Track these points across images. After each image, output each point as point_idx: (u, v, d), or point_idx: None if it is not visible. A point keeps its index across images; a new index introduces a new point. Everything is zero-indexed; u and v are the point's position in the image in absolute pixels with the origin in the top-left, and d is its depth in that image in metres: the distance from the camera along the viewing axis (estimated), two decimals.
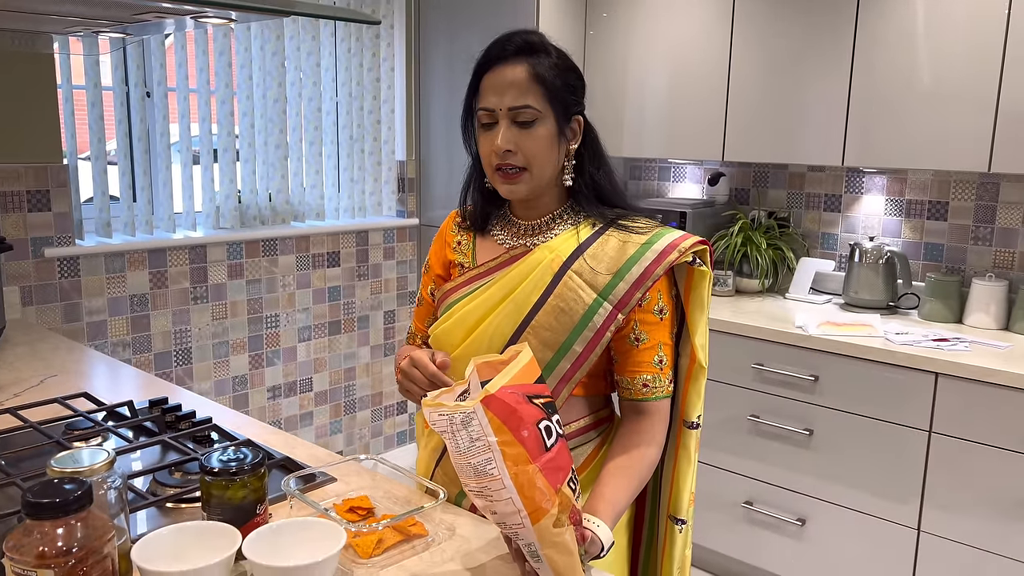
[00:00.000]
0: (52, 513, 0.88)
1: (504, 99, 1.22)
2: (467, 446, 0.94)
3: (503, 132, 1.22)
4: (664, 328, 1.27)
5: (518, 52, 1.24)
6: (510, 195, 1.28)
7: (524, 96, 1.22)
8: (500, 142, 1.22)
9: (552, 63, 1.25)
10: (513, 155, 1.23)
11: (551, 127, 1.24)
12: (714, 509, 2.73)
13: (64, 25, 1.55)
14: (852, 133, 2.58)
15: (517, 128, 1.23)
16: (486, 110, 1.24)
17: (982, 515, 2.21)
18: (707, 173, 3.29)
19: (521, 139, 1.22)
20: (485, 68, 1.25)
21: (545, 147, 1.24)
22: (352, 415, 3.48)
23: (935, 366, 2.24)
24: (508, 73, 1.23)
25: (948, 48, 2.37)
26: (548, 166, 1.26)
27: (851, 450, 2.43)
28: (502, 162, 1.24)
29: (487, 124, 1.25)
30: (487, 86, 1.24)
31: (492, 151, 1.24)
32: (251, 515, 1.12)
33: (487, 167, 1.28)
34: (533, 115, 1.22)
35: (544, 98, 1.23)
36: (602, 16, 3.10)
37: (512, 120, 1.23)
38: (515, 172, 1.24)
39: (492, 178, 1.28)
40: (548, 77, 1.23)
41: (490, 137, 1.25)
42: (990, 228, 2.68)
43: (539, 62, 1.23)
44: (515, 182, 1.25)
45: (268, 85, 3.01)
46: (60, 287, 2.57)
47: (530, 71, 1.22)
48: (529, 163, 1.24)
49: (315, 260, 3.26)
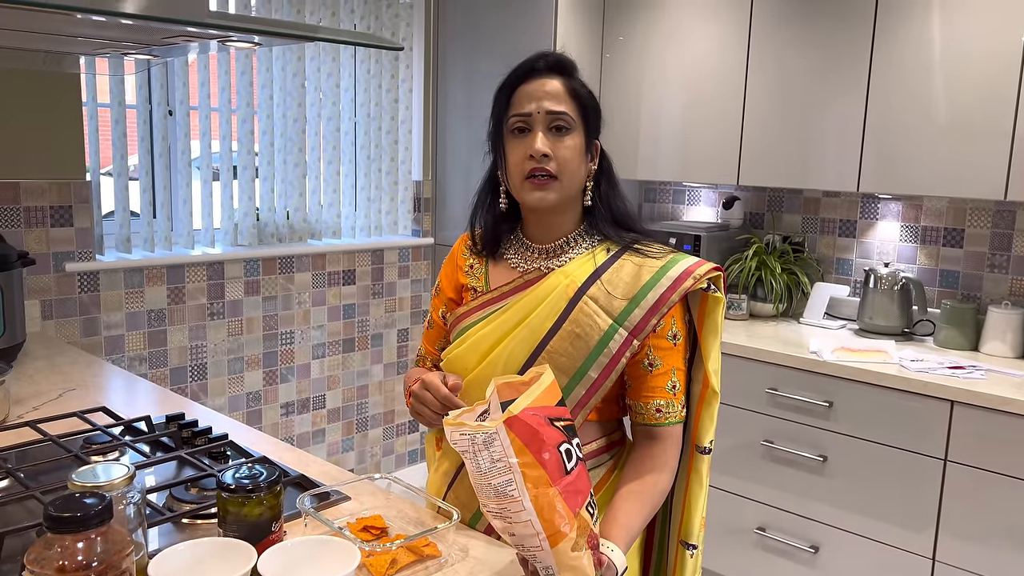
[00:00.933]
0: (73, 527, 0.90)
1: (543, 104, 1.25)
2: (488, 467, 0.95)
3: (541, 136, 1.24)
4: (678, 354, 1.28)
5: (551, 69, 1.28)
6: (540, 203, 1.27)
7: (561, 104, 1.25)
8: (539, 145, 1.24)
9: (581, 83, 1.30)
10: (548, 160, 1.24)
11: (581, 140, 1.28)
12: (727, 534, 2.71)
13: (93, 47, 1.58)
14: (867, 159, 2.59)
15: (552, 135, 1.25)
16: (521, 115, 1.26)
17: (998, 545, 2.19)
18: (722, 197, 3.30)
19: (556, 146, 1.25)
20: (519, 81, 1.28)
21: (576, 157, 1.27)
22: (364, 433, 3.49)
23: (950, 394, 2.23)
24: (546, 84, 1.26)
25: (964, 76, 2.38)
26: (576, 179, 1.28)
27: (865, 477, 2.41)
28: (537, 166, 1.24)
29: (520, 131, 1.27)
30: (522, 95, 1.27)
31: (527, 156, 1.25)
32: (267, 532, 1.13)
33: (516, 175, 1.27)
34: (569, 123, 1.26)
35: (578, 112, 1.27)
36: (619, 39, 3.13)
37: (548, 126, 1.25)
38: (546, 179, 1.25)
39: (520, 187, 1.27)
40: (582, 94, 1.28)
41: (524, 143, 1.26)
42: (1007, 256, 2.67)
43: (573, 79, 1.29)
44: (546, 189, 1.25)
45: (288, 105, 3.05)
46: (80, 301, 2.61)
47: (566, 85, 1.27)
48: (561, 171, 1.25)
49: (331, 278, 3.28)
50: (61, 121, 2.50)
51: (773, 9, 2.74)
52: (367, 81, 3.30)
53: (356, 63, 3.26)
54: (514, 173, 1.28)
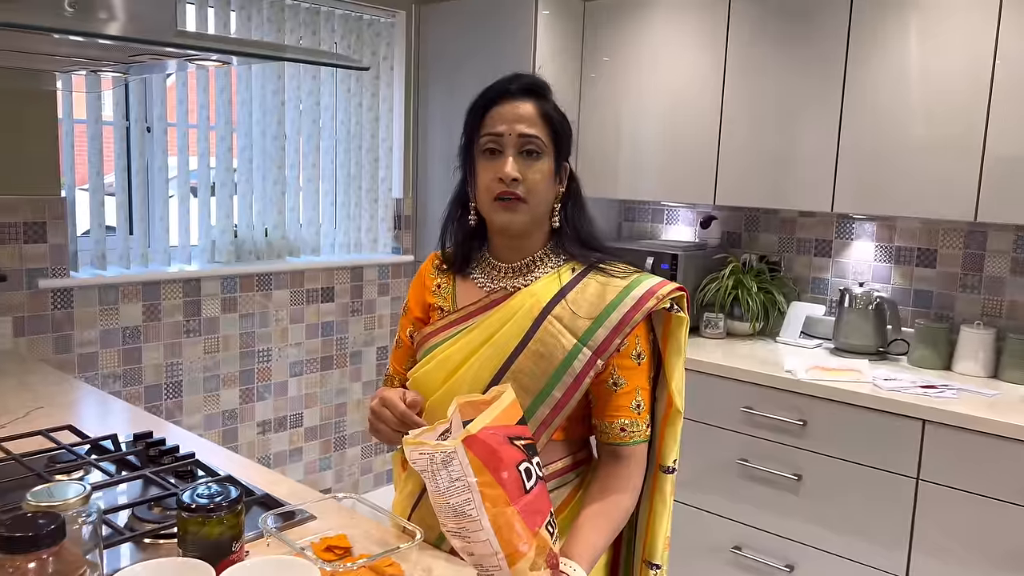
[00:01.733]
0: (24, 547, 0.88)
1: (515, 127, 1.25)
2: (447, 486, 0.95)
3: (511, 160, 1.25)
4: (642, 373, 1.28)
5: (525, 91, 1.29)
6: (508, 224, 1.28)
7: (533, 127, 1.26)
8: (508, 169, 1.24)
9: (554, 106, 1.31)
10: (518, 184, 1.25)
11: (551, 164, 1.28)
12: (702, 554, 2.71)
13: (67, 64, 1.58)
14: (842, 180, 2.62)
15: (523, 159, 1.26)
16: (494, 136, 1.26)
17: (970, 564, 2.20)
18: (699, 216, 3.32)
19: (526, 169, 1.26)
20: (493, 101, 1.28)
21: (545, 181, 1.28)
22: (342, 451, 3.47)
23: (922, 413, 2.24)
24: (518, 107, 1.27)
25: (934, 99, 2.42)
26: (544, 201, 1.29)
27: (840, 496, 2.42)
28: (506, 190, 1.25)
29: (492, 152, 1.27)
30: (495, 116, 1.27)
31: (497, 178, 1.25)
32: (227, 552, 1.12)
33: (485, 196, 1.28)
34: (540, 147, 1.26)
35: (549, 136, 1.28)
36: (603, 60, 3.16)
37: (519, 150, 1.26)
38: (514, 202, 1.26)
39: (489, 208, 1.28)
40: (554, 117, 1.29)
41: (495, 165, 1.26)
42: (978, 276, 2.70)
43: (545, 103, 1.29)
44: (514, 211, 1.26)
45: (268, 122, 3.06)
46: (53, 318, 2.59)
47: (538, 108, 1.28)
48: (530, 194, 1.26)
49: (309, 295, 3.27)
50: (35, 137, 2.49)
51: (749, 33, 2.78)
52: (348, 99, 3.31)
53: (336, 81, 3.27)
54: (483, 193, 1.29)
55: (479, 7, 3.24)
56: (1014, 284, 2.63)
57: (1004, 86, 2.29)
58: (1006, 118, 2.29)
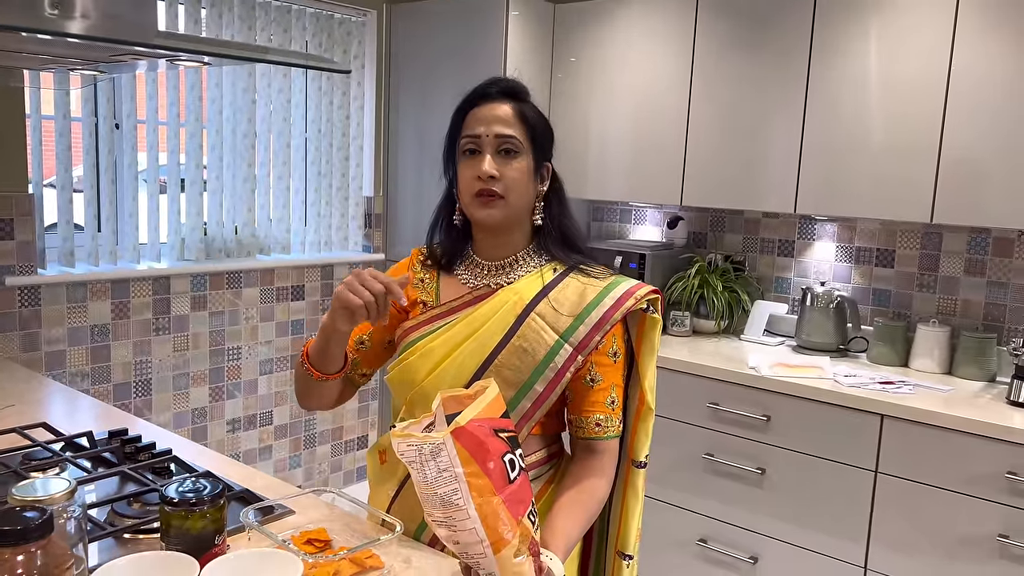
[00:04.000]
0: (13, 540, 0.90)
1: (492, 128, 1.30)
2: (434, 476, 0.98)
3: (488, 159, 1.30)
4: (617, 370, 1.33)
5: (503, 94, 1.34)
6: (487, 219, 1.32)
7: (510, 128, 1.31)
8: (486, 167, 1.29)
9: (532, 108, 1.36)
10: (496, 181, 1.29)
11: (529, 163, 1.33)
12: (669, 547, 2.77)
13: (38, 63, 1.58)
14: (804, 182, 2.69)
15: (501, 157, 1.30)
16: (472, 137, 1.32)
17: (926, 553, 2.28)
18: (666, 217, 3.38)
19: (503, 168, 1.30)
20: (472, 104, 1.34)
21: (523, 179, 1.32)
22: (312, 449, 3.48)
23: (881, 408, 2.32)
24: (496, 109, 1.32)
25: (893, 105, 2.50)
26: (523, 199, 1.33)
27: (802, 489, 2.49)
28: (484, 187, 1.30)
29: (471, 152, 1.32)
30: (474, 119, 1.33)
31: (476, 176, 1.30)
32: (209, 545, 1.14)
33: (466, 193, 1.33)
34: (517, 146, 1.31)
35: (527, 136, 1.32)
36: (570, 60, 3.20)
37: (496, 149, 1.30)
38: (492, 198, 1.30)
39: (470, 204, 1.33)
40: (531, 118, 1.34)
41: (474, 164, 1.31)
42: (934, 276, 2.79)
43: (524, 105, 1.34)
44: (493, 207, 1.31)
45: (238, 120, 3.05)
46: (20, 316, 2.56)
47: (516, 110, 1.33)
48: (507, 191, 1.31)
49: (279, 293, 3.27)
50: (2, 133, 2.47)
51: (715, 37, 2.84)
52: (318, 97, 3.31)
53: (307, 80, 3.28)
54: (464, 191, 1.34)
55: (450, 7, 3.27)
56: (968, 284, 2.73)
57: (959, 92, 2.38)
58: (961, 123, 2.38)
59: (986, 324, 2.69)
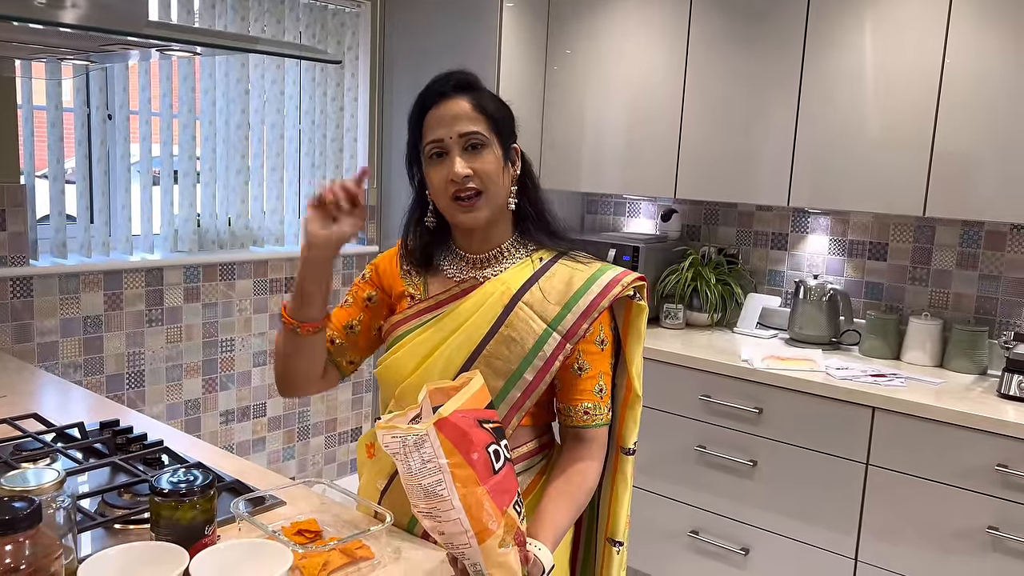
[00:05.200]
0: (1, 530, 0.90)
1: (454, 128, 1.28)
2: (419, 468, 0.98)
3: (458, 160, 1.28)
4: (605, 358, 1.33)
5: (457, 88, 1.31)
6: (472, 223, 1.31)
7: (473, 124, 1.29)
8: (458, 168, 1.27)
9: (489, 95, 1.34)
10: (470, 179, 1.28)
11: (498, 152, 1.31)
12: (661, 538, 2.78)
13: (29, 52, 1.57)
14: (798, 175, 2.70)
15: (469, 154, 1.29)
16: (436, 141, 1.29)
17: (917, 546, 2.29)
18: (660, 209, 3.38)
19: (474, 164, 1.28)
20: (428, 106, 1.31)
21: (497, 170, 1.30)
22: (305, 441, 3.48)
23: (872, 400, 2.33)
24: (453, 106, 1.29)
25: (886, 99, 2.50)
26: (501, 188, 1.32)
27: (793, 481, 2.50)
28: (461, 188, 1.28)
29: (438, 155, 1.30)
30: (433, 121, 1.30)
31: (449, 179, 1.28)
32: (199, 536, 1.14)
33: (442, 198, 1.31)
34: (483, 140, 1.29)
35: (489, 127, 1.30)
36: (565, 52, 3.20)
37: (463, 147, 1.28)
38: (472, 198, 1.28)
39: (448, 208, 1.31)
40: (490, 108, 1.31)
41: (444, 167, 1.29)
42: (927, 269, 2.80)
43: (479, 95, 1.32)
44: (474, 208, 1.29)
45: (232, 111, 3.04)
46: (12, 307, 2.56)
47: (473, 102, 1.30)
48: (485, 185, 1.29)
49: (273, 285, 3.27)
50: None
51: (710, 30, 2.84)
52: (312, 88, 3.30)
53: (301, 71, 3.27)
54: (440, 196, 1.31)
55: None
56: (960, 277, 2.74)
57: (952, 87, 2.38)
58: (954, 117, 2.39)
59: (978, 317, 2.70)
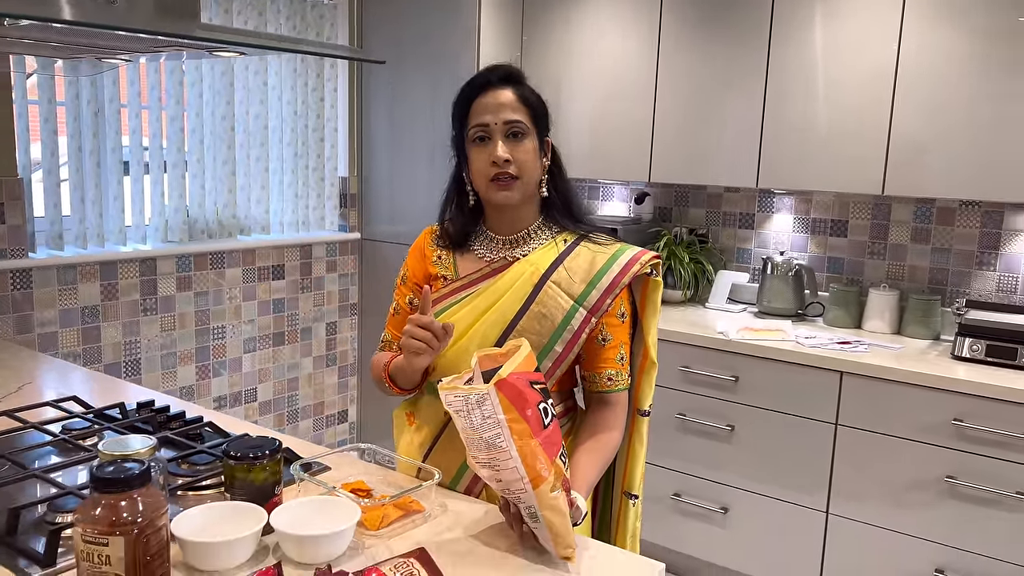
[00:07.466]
0: (119, 488, 1.01)
1: (499, 115, 1.42)
2: (480, 423, 1.12)
3: (500, 144, 1.41)
4: (624, 329, 1.48)
5: (503, 80, 1.45)
6: (506, 201, 1.44)
7: (516, 113, 1.43)
8: (500, 152, 1.40)
9: (530, 90, 1.48)
10: (509, 164, 1.41)
11: (535, 142, 1.45)
12: (645, 502, 2.94)
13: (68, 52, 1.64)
14: (764, 158, 2.88)
15: (510, 141, 1.42)
16: (481, 126, 1.42)
17: (882, 497, 2.51)
18: (633, 192, 3.55)
19: (515, 151, 1.42)
20: (475, 94, 1.44)
21: (533, 158, 1.44)
22: (295, 424, 3.57)
23: (840, 366, 2.53)
24: (499, 95, 1.43)
25: (847, 83, 2.69)
26: (535, 176, 1.46)
27: (768, 443, 2.70)
28: (500, 171, 1.41)
29: (481, 139, 1.43)
30: (479, 107, 1.43)
31: (490, 162, 1.42)
32: (270, 495, 1.26)
33: (481, 179, 1.44)
34: (524, 129, 1.43)
35: (530, 117, 1.45)
36: (539, 42, 3.32)
37: (505, 134, 1.42)
38: (509, 180, 1.42)
39: (486, 188, 1.44)
40: (531, 100, 1.46)
41: (486, 151, 1.42)
42: (884, 244, 3.02)
43: (523, 88, 1.46)
44: (511, 189, 1.43)
45: (217, 103, 3.10)
46: (12, 299, 2.60)
47: (517, 94, 1.45)
48: (521, 172, 1.43)
49: (260, 273, 3.34)
50: None
51: (681, 19, 2.99)
52: (294, 80, 3.37)
53: (282, 62, 3.33)
54: (479, 177, 1.45)
55: None
56: (914, 251, 2.96)
57: (906, 77, 2.58)
58: (908, 104, 2.58)
59: (931, 287, 2.93)
